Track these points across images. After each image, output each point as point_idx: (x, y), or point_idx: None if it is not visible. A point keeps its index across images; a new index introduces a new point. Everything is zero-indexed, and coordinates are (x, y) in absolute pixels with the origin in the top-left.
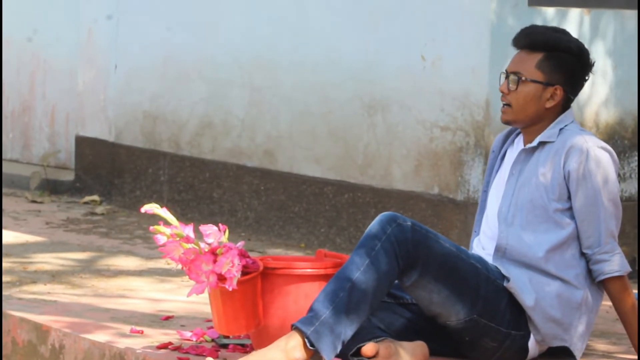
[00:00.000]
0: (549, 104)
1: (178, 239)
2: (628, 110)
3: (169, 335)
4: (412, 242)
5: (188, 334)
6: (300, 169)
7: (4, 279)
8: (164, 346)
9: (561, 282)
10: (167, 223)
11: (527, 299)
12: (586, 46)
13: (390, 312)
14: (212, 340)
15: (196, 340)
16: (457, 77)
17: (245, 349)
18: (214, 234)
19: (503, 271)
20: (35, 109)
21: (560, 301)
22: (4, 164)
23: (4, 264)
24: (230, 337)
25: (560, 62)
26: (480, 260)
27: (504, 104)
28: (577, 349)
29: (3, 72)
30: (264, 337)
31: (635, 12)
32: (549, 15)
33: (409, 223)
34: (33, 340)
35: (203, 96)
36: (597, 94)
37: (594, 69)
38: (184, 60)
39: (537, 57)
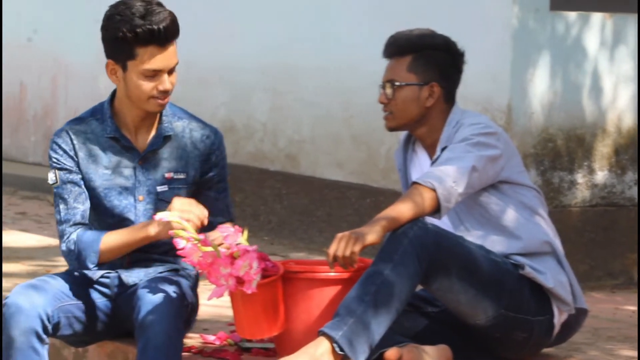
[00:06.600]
0: (429, 103)
1: (196, 242)
2: None
3: (192, 339)
4: (435, 243)
5: (211, 338)
6: (323, 173)
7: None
8: (187, 350)
9: (551, 253)
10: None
11: (544, 278)
12: (608, 50)
13: (410, 319)
14: (235, 343)
15: (219, 344)
16: (479, 82)
17: (268, 352)
18: (231, 236)
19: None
20: (57, 112)
21: (557, 267)
22: (27, 167)
23: (28, 267)
24: (253, 340)
25: (429, 60)
26: (498, 254)
27: (386, 113)
28: (584, 302)
29: (24, 76)
30: (287, 341)
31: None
32: (570, 20)
33: (431, 225)
34: (56, 344)
35: (224, 100)
36: (620, 99)
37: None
38: (205, 65)
39: (407, 60)
